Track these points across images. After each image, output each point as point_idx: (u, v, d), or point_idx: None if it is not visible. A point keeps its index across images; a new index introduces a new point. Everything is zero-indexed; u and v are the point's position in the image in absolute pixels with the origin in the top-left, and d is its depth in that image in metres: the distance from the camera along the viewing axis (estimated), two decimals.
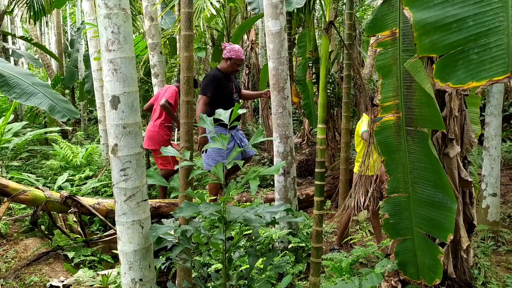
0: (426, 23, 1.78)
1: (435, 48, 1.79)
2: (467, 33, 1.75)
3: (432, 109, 2.91)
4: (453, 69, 1.79)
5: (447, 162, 3.13)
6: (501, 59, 1.71)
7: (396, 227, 3.30)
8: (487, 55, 1.74)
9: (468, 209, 3.30)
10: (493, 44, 1.73)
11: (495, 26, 1.72)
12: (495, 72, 1.71)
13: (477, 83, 1.75)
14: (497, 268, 4.18)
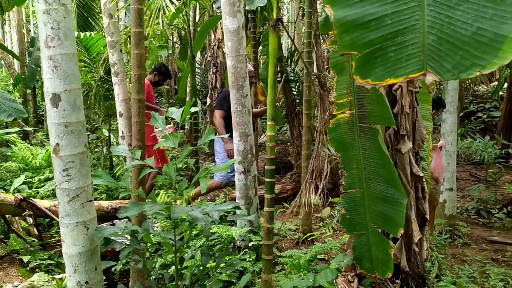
0: (346, 21, 1.79)
1: (355, 46, 1.81)
2: (385, 31, 1.78)
3: (383, 106, 2.96)
4: (372, 66, 1.81)
5: (400, 158, 3.19)
6: (416, 56, 1.74)
7: (352, 222, 3.35)
8: (403, 52, 1.76)
9: (421, 204, 3.37)
10: (409, 42, 1.75)
11: (411, 25, 1.75)
12: (411, 70, 1.74)
13: (395, 80, 1.78)
14: (452, 260, 4.29)
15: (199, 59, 11.36)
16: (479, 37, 1.58)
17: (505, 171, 8.00)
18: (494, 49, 1.53)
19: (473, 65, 1.58)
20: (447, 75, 1.63)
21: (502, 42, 1.52)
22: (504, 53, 1.50)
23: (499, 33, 1.53)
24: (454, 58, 1.63)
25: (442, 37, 1.68)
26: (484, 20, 1.57)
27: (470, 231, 5.33)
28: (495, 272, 3.85)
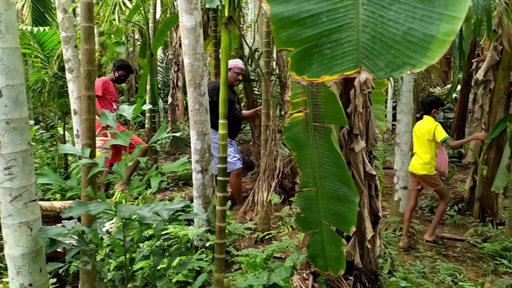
0: (282, 17, 1.81)
1: (292, 42, 1.83)
2: (320, 28, 1.81)
3: (336, 106, 3.01)
4: (308, 62, 1.84)
5: (353, 157, 3.25)
6: (351, 54, 1.78)
7: (306, 220, 3.38)
8: (339, 50, 1.80)
9: (374, 202, 3.45)
10: (345, 40, 1.79)
11: (346, 23, 1.79)
12: (346, 67, 1.78)
13: (330, 77, 1.81)
14: (405, 257, 4.41)
15: (161, 57, 11.21)
16: (410, 36, 1.63)
17: (458, 170, 8.30)
18: (424, 49, 1.58)
19: (404, 64, 1.62)
20: (380, 73, 1.67)
21: (431, 42, 1.57)
22: (432, 52, 1.55)
23: (428, 33, 1.58)
24: (387, 57, 1.67)
25: (375, 35, 1.72)
26: (414, 20, 1.62)
27: (423, 228, 5.49)
28: (444, 267, 3.98)
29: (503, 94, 5.62)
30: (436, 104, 5.01)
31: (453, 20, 1.52)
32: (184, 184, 6.94)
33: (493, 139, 5.59)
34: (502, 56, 5.52)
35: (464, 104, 9.46)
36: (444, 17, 1.54)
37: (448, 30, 1.53)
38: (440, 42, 1.54)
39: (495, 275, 4.08)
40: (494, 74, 5.62)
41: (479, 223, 5.56)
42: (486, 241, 4.79)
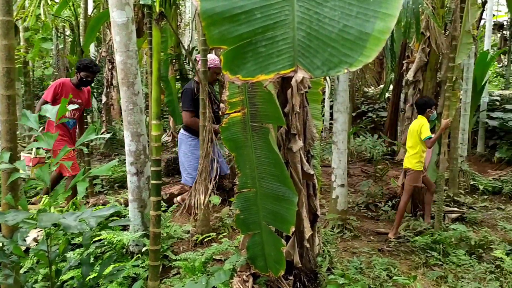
0: (214, 13, 1.74)
1: (224, 40, 1.77)
2: (254, 25, 1.75)
3: (273, 106, 2.98)
4: (243, 61, 1.78)
5: (291, 157, 3.24)
6: (287, 52, 1.73)
7: (246, 222, 3.34)
8: (274, 48, 1.75)
9: (312, 201, 3.47)
10: (280, 37, 1.74)
11: (281, 20, 1.74)
12: (282, 66, 1.74)
13: (266, 76, 1.77)
14: (342, 253, 4.50)
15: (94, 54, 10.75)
16: (346, 34, 1.60)
17: (391, 167, 8.63)
18: (360, 47, 1.57)
19: (341, 62, 1.60)
20: (317, 72, 1.64)
21: (367, 40, 1.56)
22: (368, 50, 1.54)
23: (363, 30, 1.57)
24: (323, 55, 1.64)
25: (311, 33, 1.68)
26: (349, 17, 1.60)
27: (360, 224, 5.65)
28: (380, 262, 4.09)
29: (431, 94, 5.90)
30: (430, 104, 5.32)
31: (387, 18, 1.52)
32: (120, 186, 6.68)
33: None
34: (430, 57, 5.80)
35: (396, 103, 9.88)
36: (379, 14, 1.53)
37: (383, 28, 1.52)
38: (376, 40, 1.53)
39: (426, 267, 4.26)
40: (423, 74, 5.90)
41: (411, 217, 5.80)
42: (417, 234, 4.99)
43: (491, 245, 4.70)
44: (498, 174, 8.56)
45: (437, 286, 3.82)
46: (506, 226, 5.43)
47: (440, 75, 5.77)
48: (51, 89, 5.12)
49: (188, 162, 5.20)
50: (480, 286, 3.58)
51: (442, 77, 5.71)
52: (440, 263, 4.26)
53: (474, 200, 6.94)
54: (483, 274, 3.94)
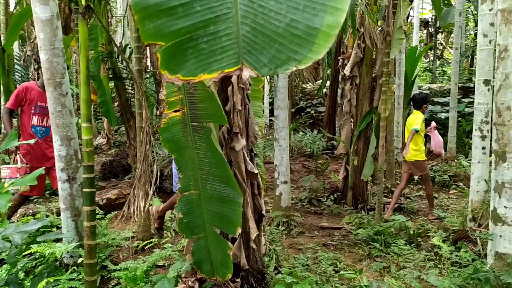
0: (148, 5, 1.58)
1: (161, 35, 1.61)
2: (195, 19, 1.61)
3: (214, 104, 2.86)
4: (183, 59, 1.63)
5: (234, 156, 3.15)
6: (231, 49, 1.59)
7: (190, 225, 3.20)
8: (217, 44, 1.60)
9: (257, 200, 3.40)
10: (223, 32, 1.60)
11: (223, 13, 1.60)
12: (226, 64, 1.60)
13: (209, 75, 1.63)
14: (289, 251, 4.48)
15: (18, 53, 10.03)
16: (293, 29, 1.49)
17: (331, 161, 8.80)
18: (308, 43, 1.46)
19: (289, 59, 1.49)
20: (264, 70, 1.52)
21: (316, 35, 1.46)
22: (317, 46, 1.45)
23: (312, 25, 1.46)
24: (270, 52, 1.52)
25: (256, 28, 1.55)
26: (296, 11, 1.49)
27: (304, 220, 5.68)
28: (325, 257, 4.11)
29: (367, 89, 6.03)
30: (426, 100, 5.73)
31: (336, 12, 1.44)
32: (51, 194, 6.26)
33: (361, 130, 5.99)
34: (365, 53, 5.92)
35: (334, 98, 10.08)
36: (327, 8, 1.45)
37: (332, 22, 1.43)
38: (325, 36, 1.44)
39: (370, 259, 4.34)
40: (359, 70, 6.01)
41: (353, 210, 5.92)
42: (360, 227, 5.08)
43: (428, 233, 4.88)
44: (430, 164, 8.97)
45: (381, 277, 3.88)
46: (440, 214, 5.67)
47: (375, 70, 5.91)
48: (14, 95, 4.56)
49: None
50: (421, 274, 3.67)
51: (377, 72, 5.86)
52: (383, 254, 4.36)
53: (410, 190, 7.22)
54: (423, 262, 4.07)
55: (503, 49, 3.12)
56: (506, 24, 3.09)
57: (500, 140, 3.17)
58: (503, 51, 3.12)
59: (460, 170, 7.88)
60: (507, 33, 3.09)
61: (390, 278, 3.69)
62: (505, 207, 3.17)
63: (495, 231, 3.23)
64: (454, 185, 7.31)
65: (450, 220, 5.21)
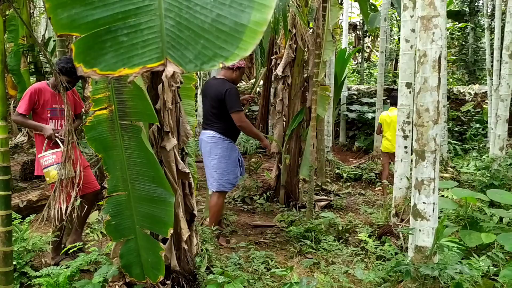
0: None
1: (76, 26, 1.52)
2: (114, 10, 1.53)
3: (144, 102, 2.78)
4: (100, 52, 1.55)
5: (165, 155, 3.08)
6: (154, 43, 1.53)
7: (118, 228, 3.09)
8: (138, 37, 1.53)
9: (188, 200, 3.35)
10: (145, 25, 1.53)
11: (145, 5, 1.53)
12: (148, 58, 1.54)
13: (130, 70, 1.58)
14: (221, 250, 4.46)
15: None
16: (219, 25, 1.46)
17: (264, 160, 8.90)
18: (235, 39, 1.44)
19: (216, 56, 1.46)
20: (189, 66, 1.48)
21: (243, 31, 1.44)
22: (245, 43, 1.43)
23: (239, 21, 1.45)
24: (196, 47, 1.48)
25: (181, 22, 1.50)
26: (223, 6, 1.46)
27: (237, 219, 5.69)
28: (257, 255, 4.14)
29: (299, 89, 6.16)
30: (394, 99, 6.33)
31: (263, 9, 1.43)
32: None
33: (292, 129, 6.10)
34: (297, 53, 6.04)
35: (267, 97, 10.20)
36: (254, 4, 1.43)
37: (259, 19, 1.42)
38: (252, 32, 1.43)
39: (301, 256, 4.44)
40: (291, 70, 6.12)
41: (285, 208, 6.03)
42: (291, 224, 5.18)
43: (355, 228, 5.08)
44: (358, 162, 9.37)
45: (311, 273, 3.98)
46: (367, 210, 5.93)
47: (307, 70, 6.06)
48: (26, 99, 3.91)
49: (226, 167, 4.70)
50: (348, 269, 3.81)
51: (309, 72, 6.00)
52: (313, 250, 4.47)
53: (339, 187, 7.49)
54: (350, 257, 4.22)
55: (423, 54, 3.31)
56: (425, 30, 3.28)
57: (420, 140, 3.37)
58: (422, 56, 3.31)
59: None
60: (426, 39, 3.28)
61: (320, 274, 3.80)
62: (424, 203, 3.37)
63: (415, 225, 3.42)
64: (379, 182, 7.67)
65: (376, 216, 5.46)
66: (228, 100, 4.57)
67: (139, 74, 1.48)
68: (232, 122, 4.64)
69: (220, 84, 4.69)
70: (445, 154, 8.85)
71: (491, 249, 3.90)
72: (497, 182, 5.85)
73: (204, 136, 4.78)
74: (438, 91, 3.33)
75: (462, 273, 3.19)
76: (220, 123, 4.71)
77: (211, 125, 4.75)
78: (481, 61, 14.48)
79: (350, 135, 11.62)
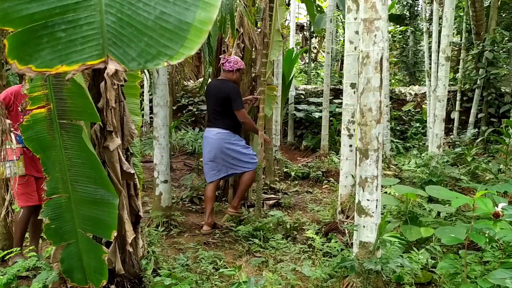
0: None
1: (9, 20, 1.43)
2: (50, 5, 1.46)
3: (85, 100, 2.68)
4: (36, 48, 1.47)
5: (108, 156, 2.98)
6: (94, 40, 1.48)
7: (58, 231, 2.95)
8: (77, 33, 1.47)
9: (134, 201, 3.26)
10: (84, 21, 1.48)
11: (85, 0, 1.48)
12: (88, 55, 1.48)
13: (68, 67, 1.51)
14: (169, 251, 4.39)
15: None
16: (163, 22, 1.42)
17: None
18: (180, 38, 1.41)
19: (160, 54, 1.42)
20: (132, 64, 1.44)
21: (188, 30, 1.41)
22: (190, 42, 1.41)
23: (183, 20, 1.41)
24: (139, 45, 1.44)
25: (123, 18, 1.45)
26: (167, 4, 1.42)
27: (185, 219, 5.62)
28: (206, 255, 4.11)
29: (247, 88, 6.16)
30: None
31: (208, 7, 1.40)
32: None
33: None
34: (245, 53, 6.04)
35: None
36: (199, 3, 1.40)
37: (204, 18, 1.39)
38: (197, 31, 1.40)
39: (249, 255, 4.44)
40: None
41: None
42: (240, 224, 5.18)
43: (303, 226, 5.16)
44: (306, 160, 9.53)
45: (260, 272, 4.00)
46: (314, 208, 6.04)
47: (255, 70, 6.07)
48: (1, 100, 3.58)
49: (247, 151, 5.27)
50: (296, 266, 3.86)
51: (257, 72, 6.02)
52: (262, 249, 4.49)
53: (287, 186, 7.58)
54: (298, 254, 4.28)
55: (365, 56, 3.41)
56: (367, 32, 3.38)
57: (364, 138, 3.47)
58: (365, 57, 3.41)
59: (332, 166, 8.47)
60: (369, 41, 3.38)
61: (268, 272, 3.82)
62: (368, 200, 3.47)
63: (359, 222, 3.51)
64: (326, 180, 7.84)
65: (323, 213, 5.57)
66: (233, 98, 5.02)
67: (78, 71, 1.42)
68: (235, 118, 5.10)
69: (223, 84, 5.15)
70: (388, 152, 9.20)
71: (430, 242, 4.09)
72: (435, 178, 6.15)
73: (210, 134, 5.20)
74: (380, 91, 3.44)
75: (403, 266, 3.32)
76: (224, 120, 5.13)
77: (216, 123, 5.19)
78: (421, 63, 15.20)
79: (298, 134, 11.81)
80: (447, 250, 4.16)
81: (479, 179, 6.82)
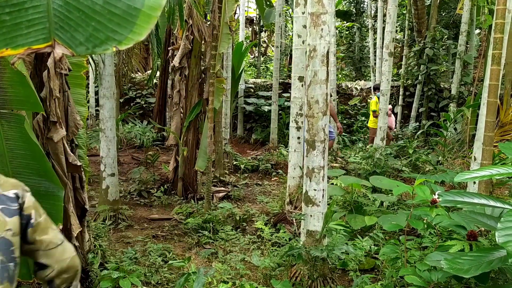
0: None
1: None
2: None
3: (27, 89, 2.57)
4: None
5: (52, 147, 2.89)
6: (41, 23, 1.45)
7: None
8: (23, 17, 1.44)
9: (79, 194, 3.18)
10: (29, 4, 1.44)
11: None
12: (34, 39, 1.46)
13: (14, 51, 1.47)
14: (116, 245, 4.31)
15: None
16: (112, 7, 1.41)
17: (162, 153, 8.74)
18: (129, 23, 1.40)
19: (108, 39, 1.41)
20: (80, 49, 1.41)
21: (136, 15, 1.41)
22: (139, 27, 1.40)
23: (132, 5, 1.40)
24: (87, 30, 1.42)
25: (70, 2, 1.42)
26: None
27: (133, 213, 5.54)
28: (155, 248, 4.08)
29: (196, 80, 6.15)
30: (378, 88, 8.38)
31: None
32: None
33: (190, 121, 6.08)
34: (194, 45, 6.01)
35: (164, 89, 10.01)
36: None
37: (153, 4, 1.39)
38: (146, 17, 1.39)
39: (199, 247, 4.46)
40: (188, 61, 6.08)
41: (183, 200, 5.99)
42: (189, 216, 5.17)
43: (252, 218, 5.23)
44: (255, 153, 9.62)
45: (209, 263, 4.03)
46: (263, 199, 6.13)
47: (204, 62, 6.06)
48: None
49: None
50: (245, 256, 3.92)
51: (206, 64, 6.00)
52: (211, 240, 4.52)
53: (237, 178, 7.62)
54: (247, 245, 4.34)
55: (313, 49, 3.50)
56: (314, 26, 3.48)
57: (311, 130, 3.57)
58: (312, 50, 3.51)
59: (281, 159, 8.61)
60: (316, 35, 3.48)
61: (218, 263, 3.85)
62: (314, 189, 3.58)
63: (306, 211, 3.62)
64: (275, 172, 7.97)
65: (272, 205, 5.67)
66: None
67: (24, 55, 1.38)
68: None
69: None
70: (335, 145, 9.46)
71: (374, 230, 4.28)
72: (379, 169, 6.42)
73: None
74: (327, 84, 3.55)
75: (348, 253, 3.46)
76: None
77: None
78: (366, 58, 15.70)
79: (247, 128, 11.88)
80: (389, 237, 4.37)
81: (420, 170, 7.18)
